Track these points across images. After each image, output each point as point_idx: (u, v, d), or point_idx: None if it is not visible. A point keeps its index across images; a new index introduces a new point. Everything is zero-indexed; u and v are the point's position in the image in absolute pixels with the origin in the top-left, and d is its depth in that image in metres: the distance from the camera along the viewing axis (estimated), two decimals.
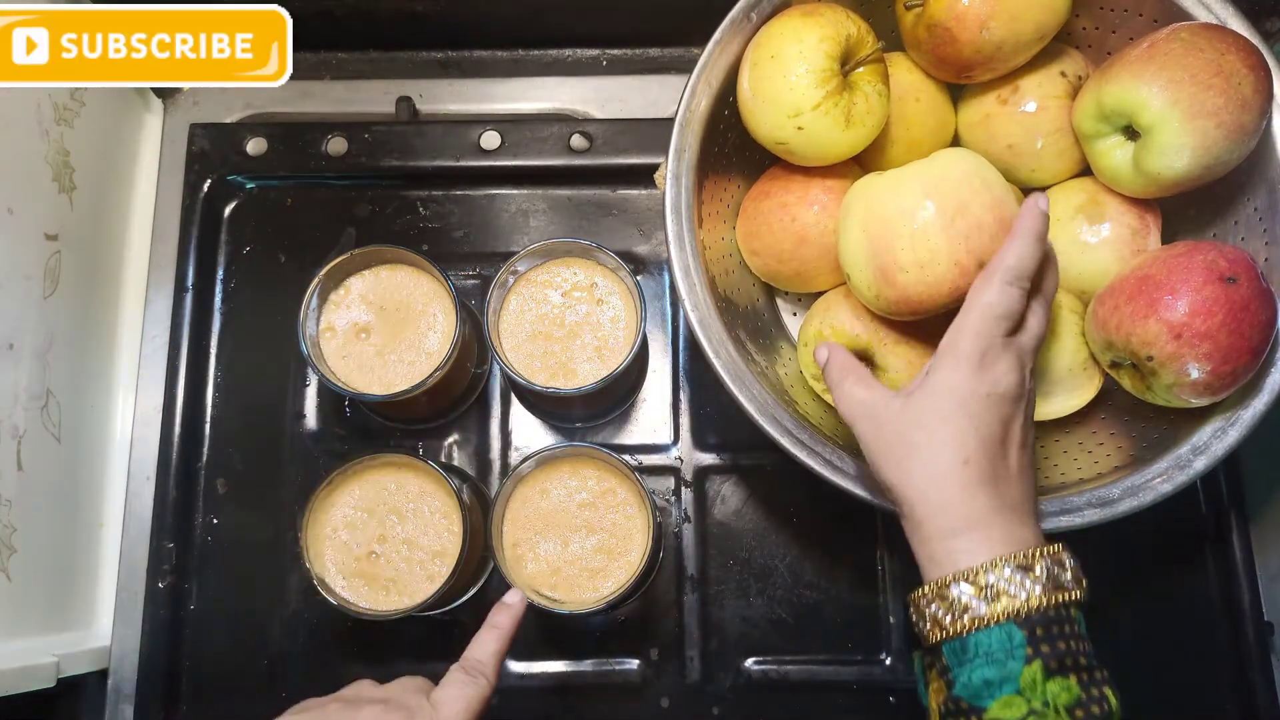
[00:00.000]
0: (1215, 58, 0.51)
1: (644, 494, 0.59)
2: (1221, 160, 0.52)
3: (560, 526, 0.60)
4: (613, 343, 0.64)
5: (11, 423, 0.60)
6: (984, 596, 0.41)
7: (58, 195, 0.66)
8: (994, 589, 0.41)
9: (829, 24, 0.53)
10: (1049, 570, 0.41)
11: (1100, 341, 0.55)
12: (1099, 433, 0.59)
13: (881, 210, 0.51)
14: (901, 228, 0.50)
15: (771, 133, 0.55)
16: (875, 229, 0.51)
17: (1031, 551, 0.42)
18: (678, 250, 0.56)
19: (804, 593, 0.68)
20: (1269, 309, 0.51)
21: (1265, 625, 0.67)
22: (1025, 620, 0.40)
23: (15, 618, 0.60)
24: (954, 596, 0.41)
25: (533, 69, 0.80)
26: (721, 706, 0.66)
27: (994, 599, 0.41)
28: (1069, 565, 0.42)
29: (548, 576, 0.60)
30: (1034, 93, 0.58)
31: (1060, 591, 0.41)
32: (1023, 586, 0.41)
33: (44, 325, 0.64)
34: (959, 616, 0.41)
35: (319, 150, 0.74)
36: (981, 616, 0.41)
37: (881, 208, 0.51)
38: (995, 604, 0.41)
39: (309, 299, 0.62)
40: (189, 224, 0.73)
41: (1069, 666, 0.40)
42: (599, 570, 0.60)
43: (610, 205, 0.75)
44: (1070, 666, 0.40)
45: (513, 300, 0.64)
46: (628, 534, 0.60)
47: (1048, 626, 0.40)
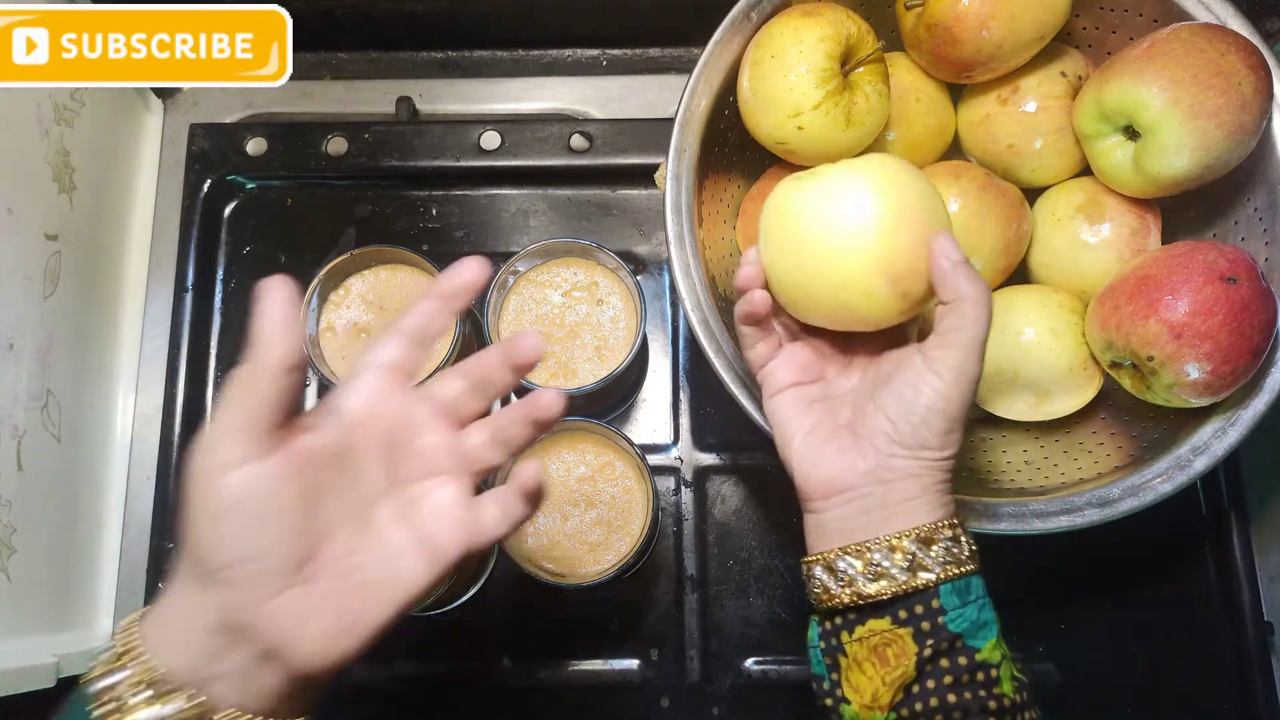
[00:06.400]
0: (1215, 58, 0.51)
1: (643, 468, 0.59)
2: (1221, 160, 0.52)
3: (559, 500, 0.61)
4: (613, 343, 0.64)
5: (11, 423, 0.60)
6: (973, 543, 0.44)
7: (58, 195, 0.66)
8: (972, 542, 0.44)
9: (829, 24, 0.53)
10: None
11: (1100, 341, 0.55)
12: (1099, 433, 0.59)
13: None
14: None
15: (772, 132, 0.55)
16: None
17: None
18: (678, 250, 0.56)
19: (804, 593, 0.68)
20: (1269, 309, 0.51)
21: (1265, 625, 0.67)
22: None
23: (15, 618, 0.60)
24: (966, 540, 0.43)
25: (533, 69, 0.80)
26: (721, 706, 0.66)
27: (977, 549, 0.44)
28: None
29: (548, 550, 0.60)
30: (1034, 93, 0.58)
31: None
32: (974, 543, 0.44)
33: (44, 325, 0.64)
34: (973, 558, 0.43)
35: (319, 150, 0.74)
36: (978, 561, 0.43)
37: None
38: (977, 554, 0.44)
39: (309, 299, 0.62)
40: (189, 224, 0.73)
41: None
42: (599, 544, 0.60)
43: (610, 205, 0.75)
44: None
45: (513, 300, 0.64)
46: (627, 507, 0.60)
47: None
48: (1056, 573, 0.67)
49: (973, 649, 0.41)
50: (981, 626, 0.42)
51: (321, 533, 0.39)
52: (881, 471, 0.43)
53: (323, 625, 0.38)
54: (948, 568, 0.42)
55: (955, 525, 0.43)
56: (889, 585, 0.42)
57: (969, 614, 0.42)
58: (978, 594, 0.42)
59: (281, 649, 0.37)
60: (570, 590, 0.66)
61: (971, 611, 0.42)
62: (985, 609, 0.42)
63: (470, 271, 0.42)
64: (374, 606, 0.39)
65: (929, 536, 0.42)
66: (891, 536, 0.42)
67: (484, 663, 0.67)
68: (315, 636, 0.37)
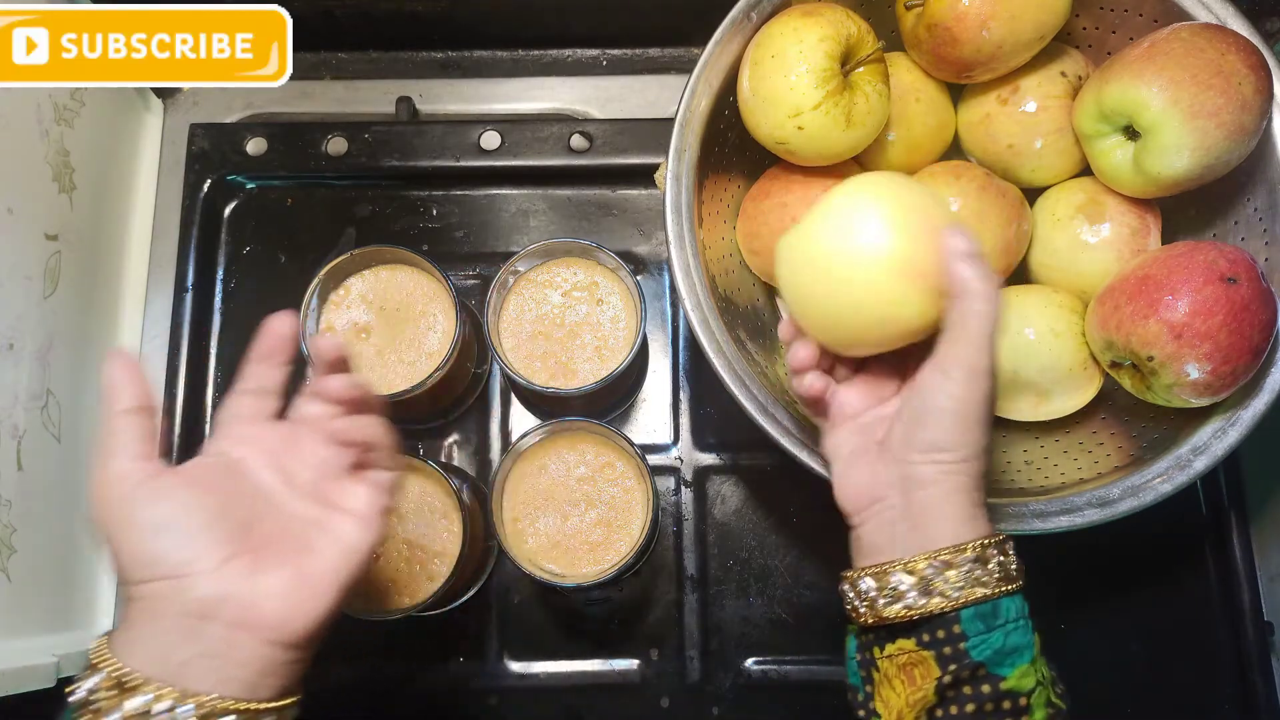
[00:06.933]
0: (1215, 58, 0.51)
1: (643, 468, 0.59)
2: (1221, 160, 0.52)
3: (559, 501, 0.61)
4: (613, 343, 0.64)
5: (11, 423, 0.60)
6: (1014, 562, 0.42)
7: (58, 195, 0.66)
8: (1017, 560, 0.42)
9: (829, 24, 0.53)
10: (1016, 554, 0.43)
11: (1100, 341, 0.55)
12: (1099, 433, 0.59)
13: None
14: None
15: (772, 132, 0.55)
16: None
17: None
18: (678, 250, 0.56)
19: (804, 593, 0.68)
20: (1269, 309, 0.51)
21: (1265, 625, 0.67)
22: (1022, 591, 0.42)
23: (15, 618, 0.60)
24: (997, 559, 0.41)
25: (533, 69, 0.80)
26: (721, 706, 0.66)
27: (1020, 567, 0.42)
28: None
29: (548, 550, 0.60)
30: (1034, 93, 0.58)
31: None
32: (1017, 561, 0.42)
33: (44, 325, 0.64)
34: (1005, 580, 0.41)
35: (319, 150, 0.74)
36: (1015, 581, 0.41)
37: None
38: (1020, 572, 0.42)
39: (309, 299, 0.62)
40: (189, 224, 0.73)
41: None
42: (599, 543, 0.60)
43: (610, 205, 0.75)
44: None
45: (513, 300, 0.64)
46: (627, 507, 0.60)
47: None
48: (1056, 573, 0.66)
49: (998, 677, 0.39)
50: (1010, 653, 0.40)
51: (244, 520, 0.41)
52: (903, 481, 0.43)
53: (279, 582, 0.39)
54: (967, 591, 0.40)
55: (984, 545, 0.41)
56: (905, 610, 0.41)
57: (994, 640, 0.40)
58: (1008, 617, 0.40)
59: (246, 613, 0.38)
60: (570, 590, 0.66)
61: (997, 638, 0.40)
62: (1016, 633, 0.40)
63: (273, 333, 0.46)
64: (325, 561, 0.41)
65: (949, 560, 0.41)
66: (910, 559, 0.41)
67: (484, 663, 0.67)
68: (274, 594, 0.39)
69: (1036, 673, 0.40)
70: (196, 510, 0.40)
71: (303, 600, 0.39)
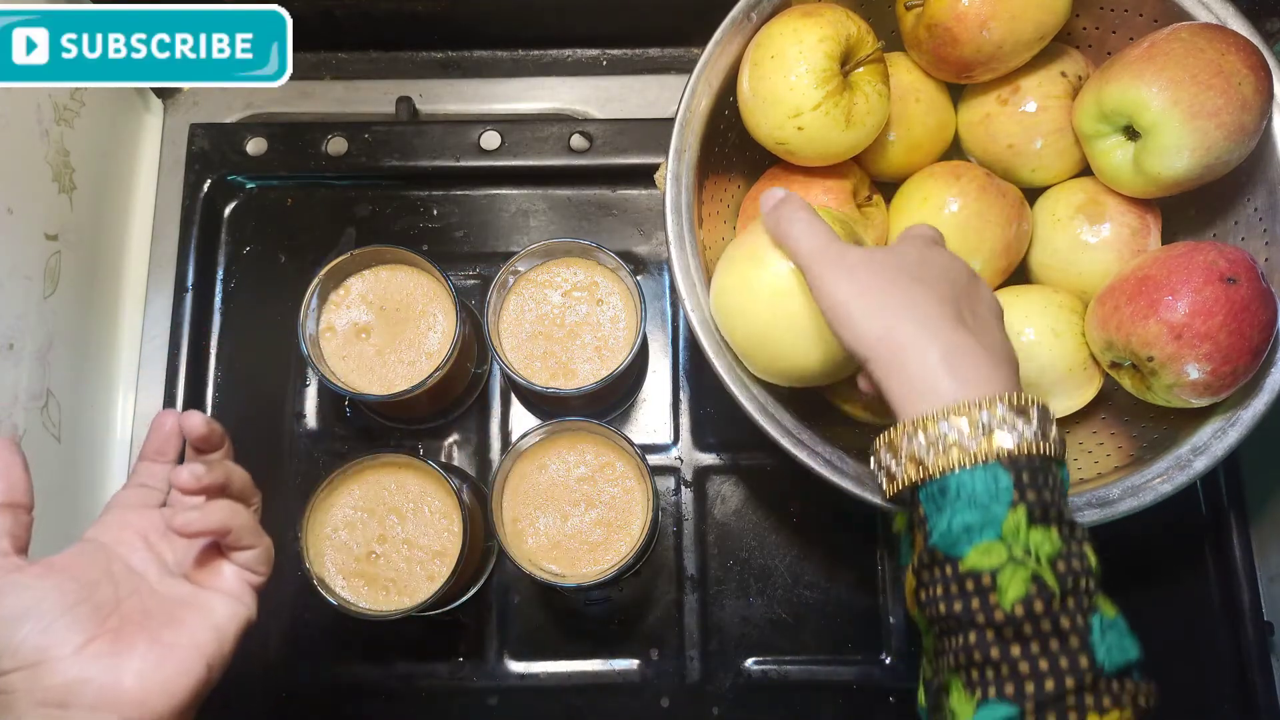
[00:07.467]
0: (1215, 58, 0.51)
1: (643, 468, 0.59)
2: (1221, 160, 0.52)
3: (559, 501, 0.61)
4: (613, 343, 0.64)
5: (11, 423, 0.60)
6: (976, 432, 0.38)
7: (58, 195, 0.66)
8: (986, 425, 0.38)
9: (829, 24, 0.53)
10: (1042, 416, 0.39)
11: (1100, 341, 0.55)
12: (1099, 433, 0.59)
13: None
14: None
15: (771, 133, 0.55)
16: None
17: (1025, 395, 0.39)
18: (678, 250, 0.56)
19: (804, 593, 0.68)
20: (1269, 309, 0.51)
21: (1265, 625, 0.67)
22: (1013, 463, 0.38)
23: None
24: (941, 431, 0.38)
25: (533, 69, 0.80)
26: (721, 706, 0.66)
27: (986, 434, 0.38)
28: (1054, 423, 0.40)
29: (548, 550, 0.60)
30: (1034, 93, 0.58)
31: (1048, 443, 0.39)
32: (1014, 427, 0.38)
33: (44, 325, 0.64)
34: (944, 451, 0.38)
35: (319, 150, 0.74)
36: (970, 453, 0.38)
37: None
38: (987, 441, 0.38)
39: (309, 299, 0.62)
40: (189, 224, 0.73)
41: (1052, 518, 0.38)
42: (599, 543, 0.60)
43: (610, 205, 0.75)
44: (1053, 518, 0.38)
45: (513, 300, 0.64)
46: (627, 507, 0.60)
47: (1034, 474, 0.38)
48: None
49: (955, 559, 0.38)
50: (964, 532, 0.38)
51: (109, 601, 0.41)
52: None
53: (141, 659, 0.39)
54: (911, 468, 0.39)
55: (916, 422, 0.39)
56: (888, 486, 0.41)
57: (940, 524, 0.38)
58: (956, 495, 0.38)
59: (105, 694, 0.38)
60: (570, 590, 0.66)
61: (942, 521, 0.38)
62: (964, 511, 0.38)
63: (160, 432, 0.48)
64: (190, 636, 0.41)
65: (893, 441, 0.40)
66: (888, 430, 0.41)
67: (484, 663, 0.67)
68: (135, 671, 0.39)
69: (1002, 550, 0.37)
70: (55, 598, 0.39)
71: (166, 677, 0.39)
